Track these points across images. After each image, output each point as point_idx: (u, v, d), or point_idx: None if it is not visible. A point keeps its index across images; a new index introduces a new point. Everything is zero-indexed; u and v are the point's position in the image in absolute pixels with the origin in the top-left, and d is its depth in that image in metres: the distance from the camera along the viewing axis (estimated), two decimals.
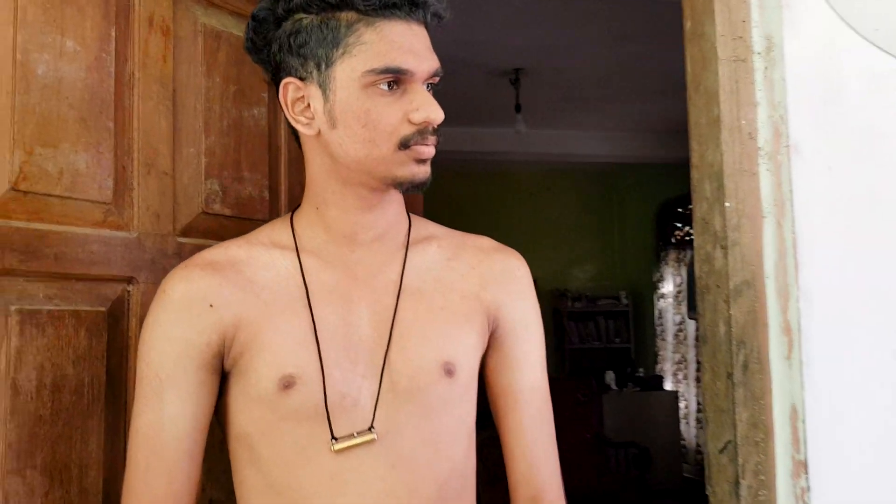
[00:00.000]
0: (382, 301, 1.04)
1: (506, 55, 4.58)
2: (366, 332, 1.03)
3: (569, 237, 7.44)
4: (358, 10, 0.95)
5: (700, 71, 1.22)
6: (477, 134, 5.95)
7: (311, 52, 0.97)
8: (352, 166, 0.99)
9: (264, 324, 1.00)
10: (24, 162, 1.09)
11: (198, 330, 0.99)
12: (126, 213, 1.22)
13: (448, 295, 1.06)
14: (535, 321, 1.12)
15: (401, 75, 0.95)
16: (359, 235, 1.05)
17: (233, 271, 1.03)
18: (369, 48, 0.95)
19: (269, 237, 1.07)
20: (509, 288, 1.10)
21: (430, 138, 0.97)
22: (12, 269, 1.07)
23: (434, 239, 1.11)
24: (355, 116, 0.96)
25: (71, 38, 1.15)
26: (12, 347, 1.06)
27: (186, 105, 1.32)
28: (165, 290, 1.01)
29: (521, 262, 1.13)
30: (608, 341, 7.27)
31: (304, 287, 1.02)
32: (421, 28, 0.99)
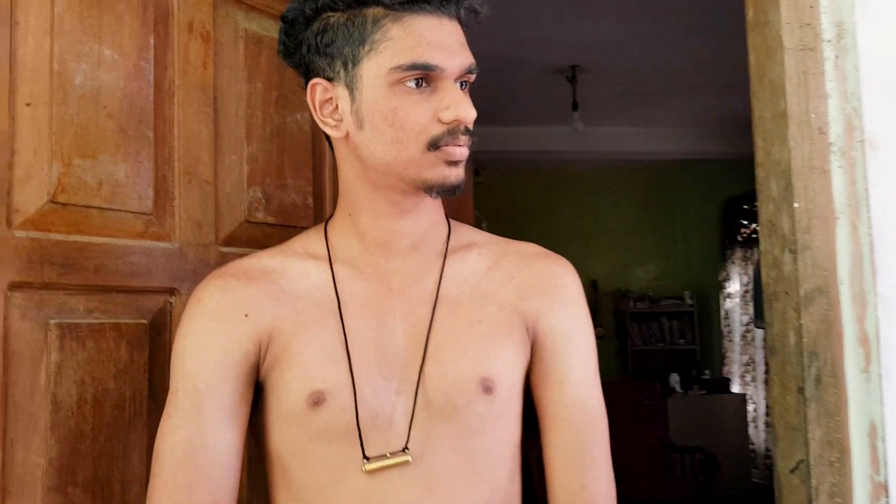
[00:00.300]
0: (418, 312, 0.99)
1: (562, 52, 4.49)
2: (400, 345, 0.97)
3: (630, 236, 7.28)
4: (384, 6, 0.90)
5: (764, 61, 1.14)
6: (533, 133, 5.86)
7: (338, 50, 0.93)
8: (380, 169, 0.94)
9: (295, 336, 0.96)
10: (63, 174, 1.07)
11: (235, 339, 0.96)
12: (167, 224, 1.20)
13: (486, 306, 1.00)
14: (581, 332, 1.04)
15: (429, 72, 0.90)
16: (393, 243, 1.00)
17: (266, 281, 0.99)
18: (395, 44, 0.90)
19: (303, 247, 1.03)
20: (550, 296, 1.02)
21: (461, 138, 0.91)
22: (52, 282, 1.05)
23: (475, 246, 1.05)
24: (382, 116, 0.91)
25: (109, 47, 1.13)
26: (52, 362, 1.04)
27: (228, 112, 1.29)
28: (201, 299, 0.98)
29: (565, 268, 1.06)
30: (672, 343, 7.09)
31: (336, 298, 0.98)
32: (453, 23, 0.93)
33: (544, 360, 1.01)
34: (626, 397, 5.81)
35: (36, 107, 1.05)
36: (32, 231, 1.04)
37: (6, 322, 1.01)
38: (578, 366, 1.02)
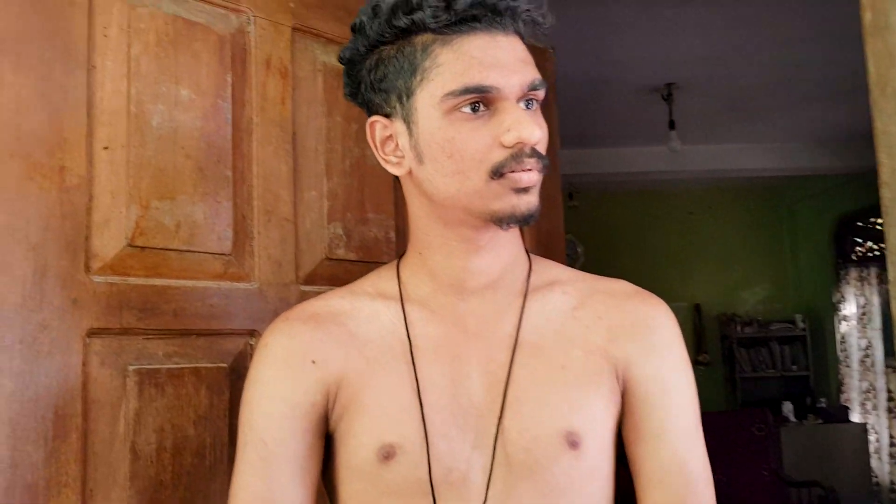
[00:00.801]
0: (496, 358, 0.91)
1: (656, 70, 4.35)
2: (476, 394, 0.89)
3: (735, 257, 6.98)
4: (431, 31, 0.84)
5: (887, 69, 1.02)
6: (629, 154, 5.71)
7: (392, 84, 0.87)
8: (446, 203, 0.87)
9: (365, 384, 0.90)
10: (141, 217, 1.06)
11: (302, 389, 0.91)
12: (247, 264, 1.17)
13: (571, 350, 0.91)
14: (678, 381, 0.93)
15: (485, 94, 0.82)
16: (467, 283, 0.92)
17: (335, 324, 0.93)
18: (446, 69, 0.83)
19: (374, 286, 0.97)
20: (643, 340, 0.92)
21: (527, 161, 0.82)
22: (131, 327, 1.04)
23: (559, 284, 0.96)
24: (440, 147, 0.84)
25: (186, 87, 1.12)
26: (131, 410, 1.02)
27: (307, 147, 1.26)
28: (267, 345, 0.93)
29: (660, 308, 0.95)
30: (784, 369, 6.72)
31: (408, 342, 0.91)
32: (510, 38, 0.85)
33: (637, 411, 0.91)
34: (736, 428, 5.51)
35: (113, 150, 1.05)
36: (111, 276, 1.03)
37: (85, 369, 0.99)
38: (677, 419, 0.91)
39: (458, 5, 0.82)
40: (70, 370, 0.98)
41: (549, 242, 1.66)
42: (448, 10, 0.82)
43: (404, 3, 0.84)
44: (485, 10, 0.83)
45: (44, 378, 0.96)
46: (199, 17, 1.16)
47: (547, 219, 1.66)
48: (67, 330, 0.98)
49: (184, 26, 1.13)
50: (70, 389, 0.97)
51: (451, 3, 0.82)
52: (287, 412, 0.90)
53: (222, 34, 1.18)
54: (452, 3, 0.82)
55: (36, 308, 0.96)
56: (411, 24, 0.84)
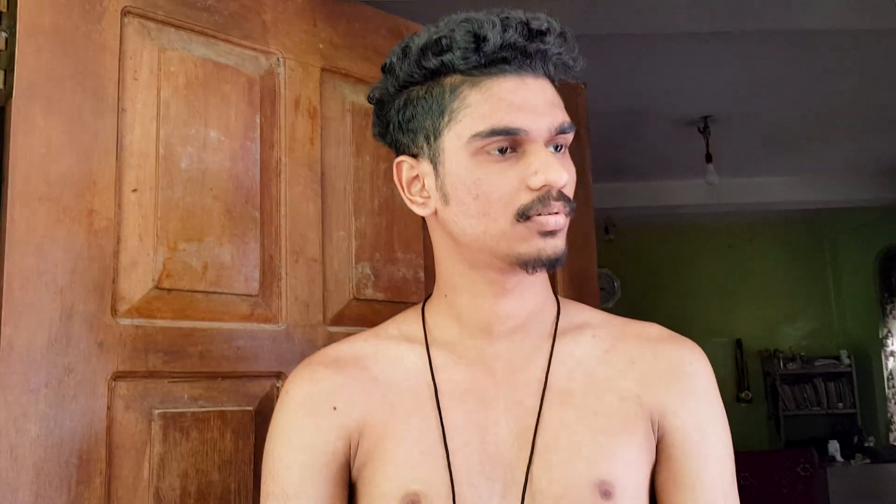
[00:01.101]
0: (524, 404, 0.88)
1: (692, 103, 4.31)
2: (505, 441, 0.86)
3: (777, 292, 6.84)
4: (461, 72, 0.83)
5: None
6: (665, 187, 5.65)
7: (419, 124, 0.86)
8: (472, 246, 0.85)
9: (388, 430, 0.87)
10: (168, 259, 1.05)
11: (322, 436, 0.88)
12: (274, 305, 1.16)
13: (603, 397, 0.88)
14: (715, 429, 0.89)
15: (513, 136, 0.81)
16: (495, 326, 0.90)
17: (357, 368, 0.91)
18: (474, 110, 0.81)
19: (399, 329, 0.95)
20: (678, 387, 0.89)
21: (553, 205, 0.80)
22: (156, 370, 1.03)
23: (588, 327, 0.94)
24: (466, 189, 0.83)
25: (215, 129, 1.12)
26: (155, 454, 1.01)
27: (335, 187, 1.26)
28: (288, 392, 0.92)
29: (695, 353, 0.92)
30: (829, 406, 6.53)
31: (434, 387, 0.89)
32: (539, 81, 0.83)
33: (673, 460, 0.88)
34: (780, 468, 5.35)
35: (142, 192, 1.05)
36: (137, 318, 1.02)
37: (110, 413, 0.99)
38: (713, 468, 0.87)
39: (488, 48, 0.81)
40: (95, 414, 0.97)
41: (582, 282, 1.63)
42: (478, 51, 0.81)
43: (434, 45, 0.83)
44: (515, 52, 0.81)
45: (68, 422, 0.95)
46: (229, 60, 1.16)
47: (580, 258, 1.63)
48: (93, 373, 0.97)
49: (214, 69, 1.14)
50: (94, 434, 0.97)
51: (481, 45, 0.81)
52: (307, 461, 0.87)
53: (252, 76, 1.18)
54: (482, 46, 0.81)
55: (62, 351, 0.95)
56: (441, 66, 0.83)
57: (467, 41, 0.81)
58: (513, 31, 0.81)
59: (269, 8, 1.21)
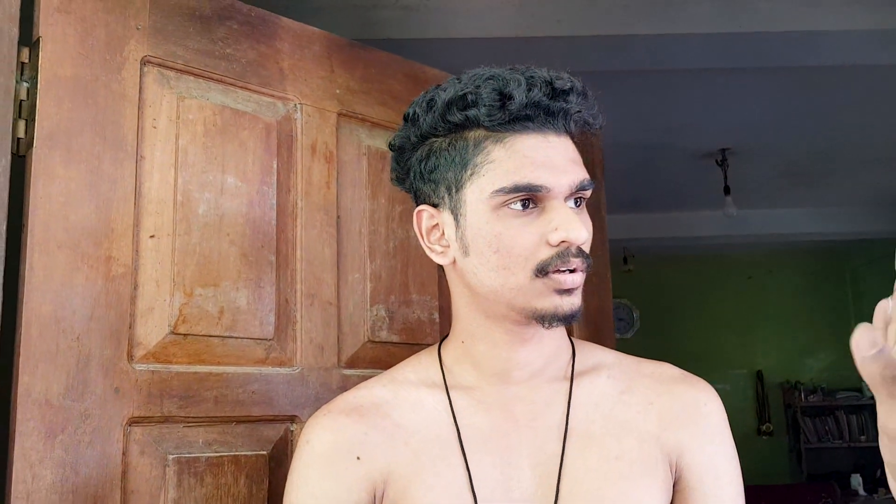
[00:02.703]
0: (546, 449, 0.87)
1: (710, 136, 4.32)
2: (529, 488, 0.86)
3: (797, 323, 6.77)
4: (485, 127, 0.84)
5: None
6: (684, 218, 5.63)
7: (441, 175, 0.87)
8: (490, 297, 0.86)
9: (414, 478, 0.87)
10: (184, 304, 1.06)
11: (345, 488, 0.88)
12: (289, 348, 1.17)
13: (624, 439, 0.88)
14: (729, 469, 0.90)
15: (534, 193, 0.82)
16: (512, 373, 0.90)
17: (378, 416, 0.91)
18: (497, 166, 0.83)
19: (415, 373, 0.95)
20: (695, 428, 0.90)
21: (572, 261, 0.81)
22: (171, 415, 1.03)
23: (603, 368, 0.94)
24: (486, 242, 0.84)
25: (232, 174, 1.14)
26: (170, 500, 1.01)
27: (351, 230, 1.27)
28: (309, 441, 0.91)
29: (710, 394, 0.93)
30: (852, 440, 6.43)
31: (457, 433, 0.89)
32: (561, 139, 0.85)
33: (690, 499, 0.88)
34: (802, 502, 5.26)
35: (159, 238, 1.06)
36: (153, 363, 1.03)
37: (125, 458, 0.99)
38: None
39: (513, 106, 0.82)
40: (110, 459, 0.98)
41: (598, 319, 1.63)
42: (503, 109, 0.82)
43: (460, 100, 0.84)
44: (539, 110, 0.82)
45: (84, 468, 0.95)
46: (247, 107, 1.18)
47: (596, 295, 1.63)
48: (109, 419, 0.98)
49: (231, 116, 1.16)
50: (110, 479, 0.97)
51: (506, 103, 0.82)
52: None
53: (269, 122, 1.20)
54: (507, 104, 0.82)
55: (78, 398, 0.96)
56: (465, 120, 0.85)
57: (493, 98, 0.82)
58: (537, 91, 0.82)
59: (286, 55, 1.23)
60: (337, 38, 1.31)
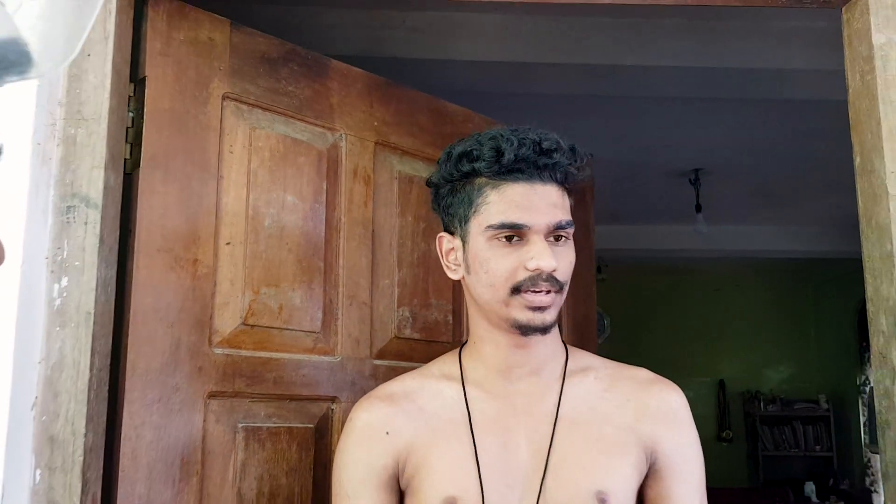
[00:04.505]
0: (539, 430, 1.11)
1: (685, 157, 4.59)
2: (523, 459, 1.10)
3: (760, 336, 7.08)
4: (486, 176, 1.08)
5: (871, 206, 1.23)
6: (657, 231, 5.91)
7: (455, 210, 1.11)
8: (485, 307, 1.10)
9: (432, 449, 1.11)
10: (253, 300, 1.29)
11: (376, 454, 1.12)
12: (331, 340, 1.40)
13: (603, 426, 1.12)
14: (694, 456, 1.14)
15: (517, 229, 1.05)
16: (513, 371, 1.14)
17: (406, 401, 1.15)
18: (491, 207, 1.07)
19: (440, 370, 1.19)
20: (666, 422, 1.13)
21: (541, 284, 1.05)
22: (240, 391, 1.26)
23: (591, 370, 1.18)
24: (480, 264, 1.08)
25: (291, 194, 1.36)
26: (238, 460, 1.24)
27: (383, 242, 1.50)
28: (351, 419, 1.15)
29: (678, 394, 1.17)
30: (807, 449, 6.75)
31: (468, 416, 1.12)
32: (547, 187, 1.08)
33: (662, 481, 1.12)
34: None
35: (234, 245, 1.28)
36: (227, 348, 1.25)
37: (205, 425, 1.21)
38: (694, 486, 1.12)
39: (505, 161, 1.06)
40: (193, 425, 1.20)
41: (583, 326, 1.87)
42: (498, 163, 1.07)
43: (467, 154, 1.09)
44: (527, 164, 1.07)
45: (174, 431, 1.18)
46: (303, 136, 1.41)
47: (582, 305, 1.87)
48: (193, 392, 1.20)
49: (291, 144, 1.38)
50: (193, 441, 1.19)
51: (500, 158, 1.06)
52: (363, 472, 1.11)
53: (321, 149, 1.42)
54: (501, 159, 1.06)
55: (171, 374, 1.18)
56: (472, 170, 1.09)
57: (491, 154, 1.07)
58: (526, 149, 1.06)
59: (335, 93, 1.46)
60: (375, 78, 1.54)
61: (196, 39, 1.28)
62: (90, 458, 1.08)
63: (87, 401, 1.07)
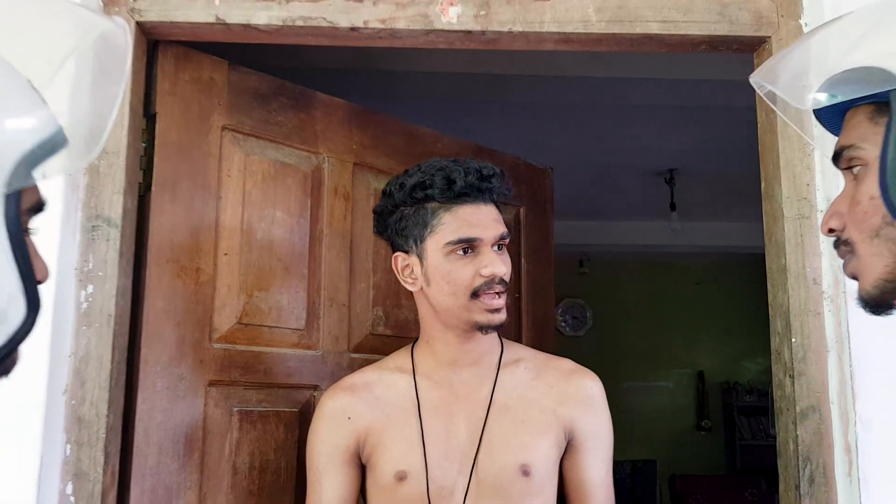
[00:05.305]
0: (476, 414, 1.33)
1: (659, 157, 4.80)
2: (462, 438, 1.32)
3: (738, 328, 7.30)
4: (438, 201, 1.29)
5: (771, 225, 1.46)
6: (635, 227, 6.12)
7: (410, 232, 1.32)
8: (444, 313, 1.32)
9: (386, 431, 1.33)
10: (246, 303, 1.51)
11: (341, 436, 1.34)
12: (314, 336, 1.61)
13: (529, 410, 1.34)
14: (605, 434, 1.36)
15: (471, 243, 1.27)
16: (459, 361, 1.35)
17: (365, 391, 1.37)
18: (447, 226, 1.28)
19: (395, 363, 1.41)
20: (583, 405, 1.36)
21: (495, 287, 1.27)
22: (236, 380, 1.48)
23: (522, 361, 1.40)
24: (441, 276, 1.29)
25: (279, 210, 1.58)
26: (233, 439, 1.46)
27: (360, 251, 1.71)
28: (320, 406, 1.37)
29: (594, 382, 1.39)
30: None
31: (417, 404, 1.34)
32: (489, 206, 1.31)
33: (578, 452, 1.35)
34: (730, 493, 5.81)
35: (231, 256, 1.50)
36: (225, 344, 1.47)
37: (206, 409, 1.43)
38: (603, 456, 1.35)
39: (456, 187, 1.28)
40: (196, 409, 1.42)
41: (542, 324, 2.09)
42: (449, 190, 1.29)
43: (421, 184, 1.30)
44: (472, 189, 1.29)
45: (179, 413, 1.40)
46: (291, 160, 1.62)
47: (541, 306, 2.09)
48: (196, 381, 1.42)
49: (280, 167, 1.60)
50: (195, 422, 1.41)
51: (451, 185, 1.28)
52: (330, 451, 1.33)
53: (306, 171, 1.64)
54: (452, 186, 1.28)
55: (177, 365, 1.40)
56: (425, 197, 1.30)
57: (443, 183, 1.29)
58: (471, 176, 1.28)
59: (319, 121, 1.67)
60: (354, 106, 1.75)
61: (199, 79, 1.49)
62: (111, 436, 1.30)
63: (108, 388, 1.29)
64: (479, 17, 1.41)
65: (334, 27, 1.40)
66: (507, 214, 1.96)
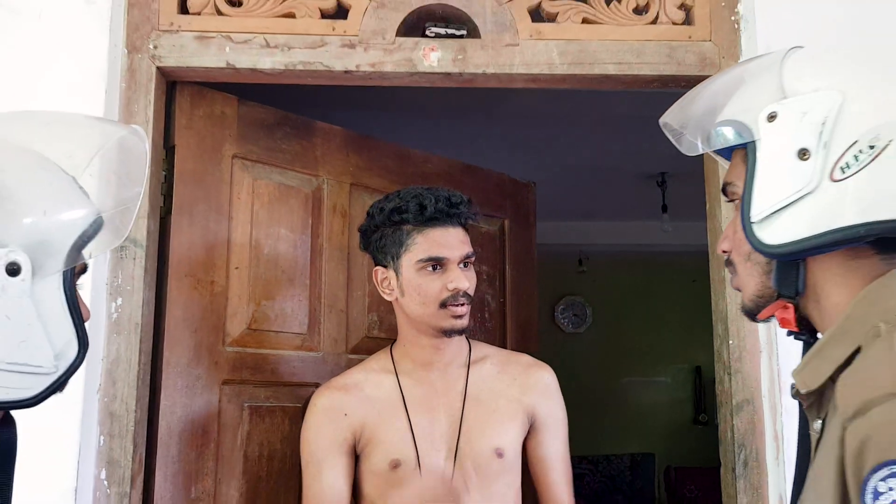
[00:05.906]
0: (454, 406, 1.55)
1: (651, 161, 4.98)
2: (444, 428, 1.53)
3: None
4: (412, 224, 1.50)
5: (713, 241, 1.65)
6: (629, 227, 6.29)
7: (388, 249, 1.53)
8: (416, 320, 1.52)
9: (379, 426, 1.53)
10: (255, 311, 1.71)
11: (339, 429, 1.53)
12: (315, 340, 1.82)
13: (498, 400, 1.56)
14: (561, 417, 1.59)
15: (439, 261, 1.47)
16: (433, 364, 1.56)
17: (356, 390, 1.56)
18: (419, 246, 1.49)
19: (378, 364, 1.61)
20: (542, 394, 1.58)
21: (460, 299, 1.48)
22: (246, 379, 1.69)
23: (488, 358, 1.61)
24: (413, 288, 1.50)
25: (284, 227, 1.79)
26: (245, 431, 1.67)
27: (356, 262, 1.92)
28: (315, 404, 1.56)
29: (550, 374, 1.61)
30: None
31: (403, 400, 1.55)
32: (456, 229, 1.51)
33: (539, 433, 1.57)
34: None
35: (241, 269, 1.71)
36: (236, 347, 1.68)
37: (220, 404, 1.64)
38: (559, 437, 1.58)
39: (427, 213, 1.49)
40: (211, 405, 1.63)
41: (525, 327, 2.29)
42: (422, 214, 1.49)
43: (398, 209, 1.51)
44: (442, 214, 1.49)
45: (197, 409, 1.61)
46: (294, 182, 1.83)
47: (525, 309, 2.29)
48: (211, 380, 1.63)
49: (284, 189, 1.80)
50: (211, 416, 1.62)
51: (423, 211, 1.48)
52: (330, 442, 1.53)
53: (307, 192, 1.84)
54: (424, 211, 1.48)
55: (195, 366, 1.61)
56: (401, 220, 1.51)
57: (416, 209, 1.49)
58: (441, 203, 1.49)
59: (319, 147, 1.87)
60: (351, 133, 1.95)
61: (212, 114, 1.70)
62: (138, 429, 1.51)
63: (136, 387, 1.50)
64: (457, 60, 1.61)
65: (330, 70, 1.60)
66: (492, 226, 2.18)
